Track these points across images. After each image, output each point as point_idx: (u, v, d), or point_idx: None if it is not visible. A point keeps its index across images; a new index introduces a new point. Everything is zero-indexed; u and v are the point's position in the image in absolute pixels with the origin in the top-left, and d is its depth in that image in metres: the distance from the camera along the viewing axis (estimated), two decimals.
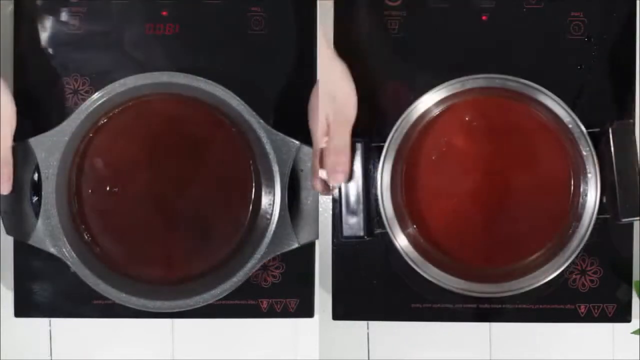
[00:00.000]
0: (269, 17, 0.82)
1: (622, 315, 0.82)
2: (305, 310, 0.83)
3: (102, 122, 0.79)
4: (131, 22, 0.82)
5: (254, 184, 0.81)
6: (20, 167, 0.76)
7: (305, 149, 0.77)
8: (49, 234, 0.75)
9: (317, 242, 0.82)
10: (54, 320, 0.85)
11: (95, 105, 0.76)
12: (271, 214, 0.77)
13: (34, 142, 0.75)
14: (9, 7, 0.82)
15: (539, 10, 0.81)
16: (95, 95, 0.75)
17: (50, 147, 0.75)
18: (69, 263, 0.76)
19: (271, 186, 0.78)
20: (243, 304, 0.83)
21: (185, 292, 0.77)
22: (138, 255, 0.81)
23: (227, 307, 0.82)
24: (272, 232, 0.77)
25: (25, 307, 0.82)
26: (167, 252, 0.82)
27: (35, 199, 0.78)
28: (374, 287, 0.83)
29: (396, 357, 0.86)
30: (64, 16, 0.81)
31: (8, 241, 0.82)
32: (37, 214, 0.76)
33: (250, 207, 0.81)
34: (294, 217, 0.78)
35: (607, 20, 0.82)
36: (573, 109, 0.76)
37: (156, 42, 0.82)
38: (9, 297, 0.83)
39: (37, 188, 0.77)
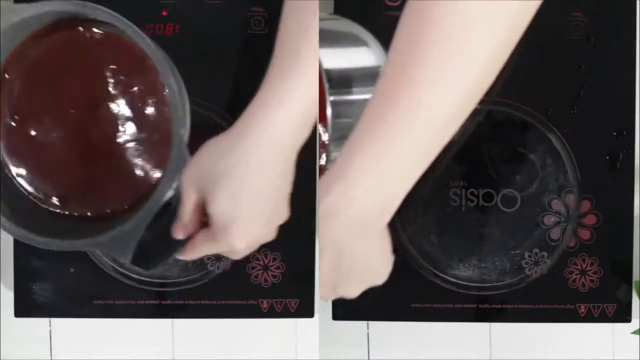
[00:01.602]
0: (269, 17, 0.82)
1: (622, 315, 0.82)
2: (305, 310, 0.83)
3: (33, 41, 0.75)
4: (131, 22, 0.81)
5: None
6: None
7: None
8: None
9: (317, 242, 0.82)
10: (54, 320, 0.85)
11: (24, 16, 0.70)
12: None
13: None
14: None
15: (538, 10, 0.81)
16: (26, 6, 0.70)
17: None
18: None
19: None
20: (243, 304, 0.83)
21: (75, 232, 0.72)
22: (46, 182, 0.76)
23: (227, 307, 0.82)
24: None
25: (25, 307, 0.82)
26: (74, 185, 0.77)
27: None
28: (374, 287, 0.83)
29: (396, 357, 0.86)
30: None
31: (8, 241, 0.82)
32: None
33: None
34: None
35: (607, 20, 0.82)
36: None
37: (156, 42, 0.81)
38: (9, 297, 0.83)
39: None
